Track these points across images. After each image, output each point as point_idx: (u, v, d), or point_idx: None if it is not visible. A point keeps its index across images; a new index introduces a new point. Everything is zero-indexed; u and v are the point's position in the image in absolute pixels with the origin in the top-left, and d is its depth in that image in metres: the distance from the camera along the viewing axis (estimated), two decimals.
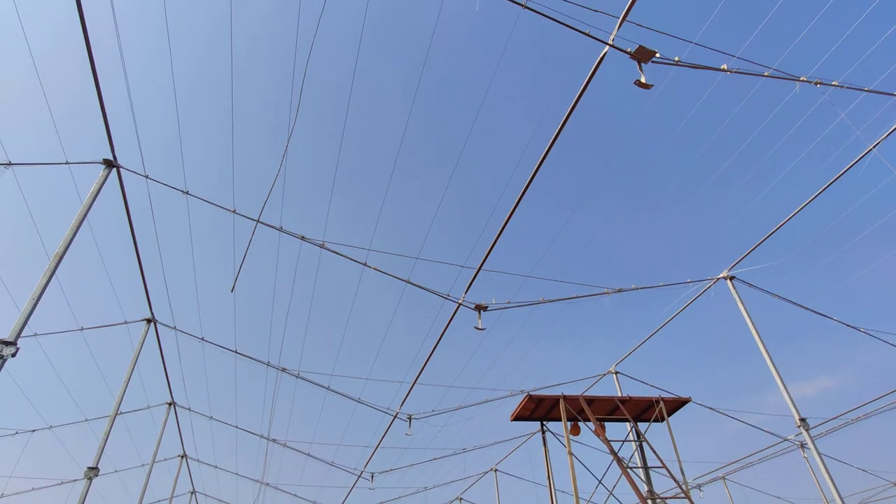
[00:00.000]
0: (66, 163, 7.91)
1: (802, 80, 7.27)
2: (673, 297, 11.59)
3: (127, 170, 8.21)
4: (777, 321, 11.53)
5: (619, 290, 10.43)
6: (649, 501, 9.26)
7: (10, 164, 7.82)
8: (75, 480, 15.03)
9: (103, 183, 7.74)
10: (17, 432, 13.10)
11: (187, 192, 8.70)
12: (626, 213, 12.49)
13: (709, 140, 9.26)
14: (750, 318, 10.42)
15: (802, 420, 9.35)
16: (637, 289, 10.65)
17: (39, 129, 7.83)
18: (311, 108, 7.42)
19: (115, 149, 7.86)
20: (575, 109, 6.40)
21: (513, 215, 7.76)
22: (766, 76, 7.07)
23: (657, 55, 5.90)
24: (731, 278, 10.78)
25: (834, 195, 8.69)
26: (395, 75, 10.14)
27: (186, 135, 8.29)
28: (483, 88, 7.71)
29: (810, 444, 9.17)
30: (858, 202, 9.64)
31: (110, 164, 7.89)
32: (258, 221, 8.59)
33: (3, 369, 5.88)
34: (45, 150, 7.86)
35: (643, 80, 5.75)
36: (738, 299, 10.61)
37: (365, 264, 9.00)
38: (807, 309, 11.09)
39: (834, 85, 7.41)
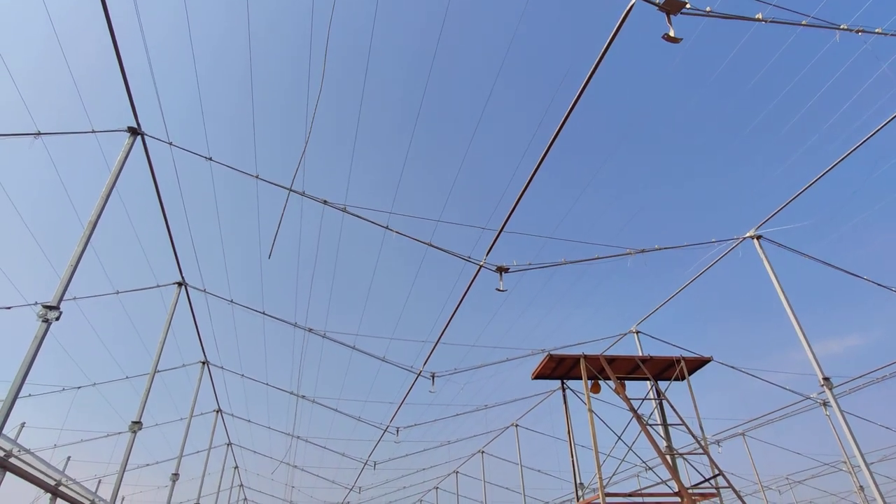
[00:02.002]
0: (93, 131, 8.04)
1: (843, 29, 6.87)
2: (697, 258, 11.45)
3: (151, 137, 8.32)
4: (803, 281, 11.34)
5: (642, 251, 10.33)
6: (668, 457, 9.46)
7: (39, 133, 7.98)
8: (120, 433, 15.99)
9: (129, 150, 7.88)
10: (63, 389, 13.93)
11: (210, 159, 8.80)
12: (651, 173, 12.22)
13: (739, 96, 8.90)
14: (776, 277, 10.26)
15: (826, 379, 9.31)
16: (660, 249, 10.53)
17: (64, 99, 7.94)
18: (330, 71, 7.34)
19: (139, 117, 7.95)
20: (599, 66, 6.20)
21: (534, 176, 7.67)
22: (804, 25, 6.70)
23: (687, 6, 5.63)
24: (758, 237, 10.56)
25: (868, 153, 8.34)
26: (415, 36, 9.90)
27: (207, 102, 8.32)
28: (504, 46, 7.50)
29: (833, 403, 9.17)
30: (894, 160, 9.24)
31: (135, 132, 7.99)
32: (290, 190, 8.68)
33: (48, 332, 6.22)
34: (70, 120, 7.99)
35: (672, 33, 5.51)
36: (764, 259, 10.43)
37: (387, 227, 9.07)
38: (837, 268, 10.86)
39: (877, 33, 6.98)
